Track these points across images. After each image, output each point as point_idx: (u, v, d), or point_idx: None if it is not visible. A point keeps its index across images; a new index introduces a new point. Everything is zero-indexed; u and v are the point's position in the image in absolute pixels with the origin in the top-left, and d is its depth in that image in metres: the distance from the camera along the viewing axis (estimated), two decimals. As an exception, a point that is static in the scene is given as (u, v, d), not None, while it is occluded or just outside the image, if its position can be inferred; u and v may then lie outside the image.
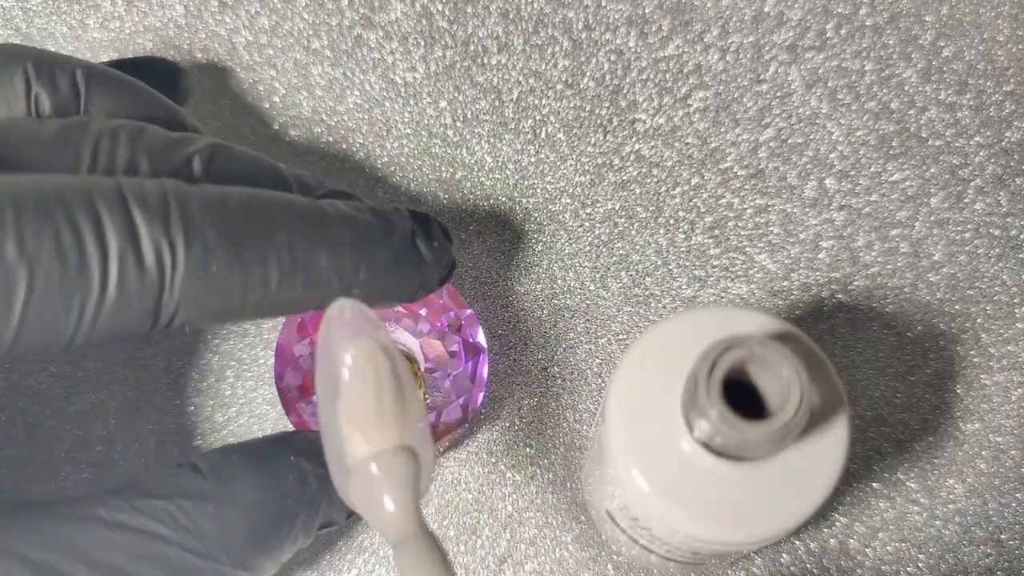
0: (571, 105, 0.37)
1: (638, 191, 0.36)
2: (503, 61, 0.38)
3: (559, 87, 0.37)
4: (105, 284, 0.21)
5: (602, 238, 0.36)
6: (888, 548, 0.33)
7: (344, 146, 0.37)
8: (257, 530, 0.25)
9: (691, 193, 0.36)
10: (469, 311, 0.32)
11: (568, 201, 0.37)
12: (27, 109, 0.25)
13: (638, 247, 0.36)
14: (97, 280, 0.21)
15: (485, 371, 0.32)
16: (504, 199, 0.37)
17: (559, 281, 0.36)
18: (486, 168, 0.37)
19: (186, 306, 0.22)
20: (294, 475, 0.26)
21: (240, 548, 0.25)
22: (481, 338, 0.32)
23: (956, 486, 0.34)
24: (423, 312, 0.32)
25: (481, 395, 0.32)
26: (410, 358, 0.33)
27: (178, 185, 0.23)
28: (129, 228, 0.21)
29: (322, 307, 0.25)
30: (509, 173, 0.37)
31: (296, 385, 0.31)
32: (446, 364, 0.32)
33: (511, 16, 0.38)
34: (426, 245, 0.26)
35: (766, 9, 0.38)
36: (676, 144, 0.37)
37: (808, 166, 0.37)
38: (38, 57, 0.25)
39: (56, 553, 0.23)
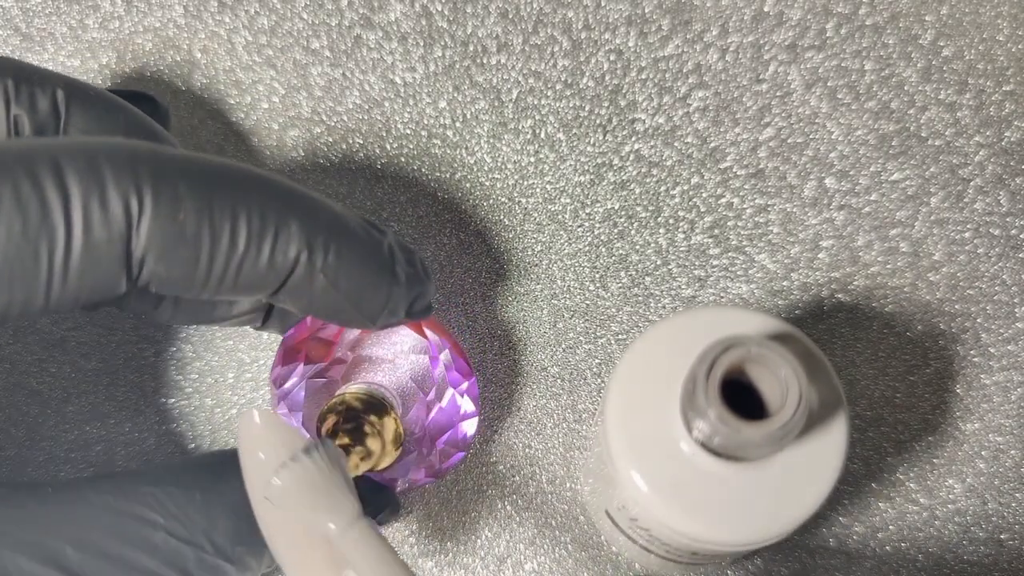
0: (570, 105, 0.37)
1: (638, 191, 0.36)
2: (502, 61, 0.38)
3: (558, 87, 0.37)
4: (70, 230, 0.21)
5: (602, 238, 0.36)
6: (888, 548, 0.33)
7: (344, 146, 0.37)
8: (243, 524, 0.25)
9: (691, 193, 0.36)
10: (449, 343, 0.31)
11: (568, 201, 0.37)
12: (6, 130, 0.25)
13: (638, 247, 0.36)
14: (62, 227, 0.20)
15: (470, 401, 0.31)
16: (504, 199, 0.37)
17: (559, 281, 0.36)
18: (485, 168, 0.37)
19: (154, 256, 0.22)
20: None
21: (224, 540, 0.25)
22: (466, 360, 0.31)
23: (956, 486, 0.34)
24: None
25: (474, 424, 0.31)
26: (382, 400, 0.30)
27: (152, 145, 0.23)
28: (94, 177, 0.21)
29: (292, 298, 0.24)
30: (508, 173, 0.37)
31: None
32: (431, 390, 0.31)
33: (510, 16, 0.38)
34: (402, 266, 0.26)
35: (766, 8, 0.38)
36: (676, 144, 0.37)
37: (808, 166, 0.37)
38: (18, 73, 0.25)
39: (44, 533, 0.23)
